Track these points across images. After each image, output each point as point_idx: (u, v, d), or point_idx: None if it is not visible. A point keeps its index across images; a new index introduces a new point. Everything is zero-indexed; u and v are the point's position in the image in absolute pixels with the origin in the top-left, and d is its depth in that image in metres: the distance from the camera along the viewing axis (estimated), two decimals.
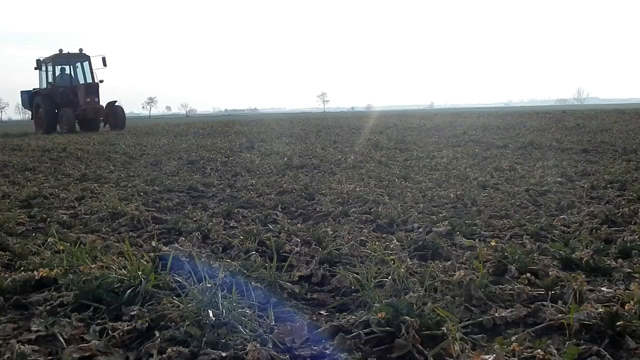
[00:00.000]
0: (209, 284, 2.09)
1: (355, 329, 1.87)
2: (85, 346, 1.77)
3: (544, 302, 2.06)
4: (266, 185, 5.49)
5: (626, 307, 1.87)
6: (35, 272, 2.48)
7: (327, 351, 1.73)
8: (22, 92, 24.89)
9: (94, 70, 23.50)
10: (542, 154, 7.85)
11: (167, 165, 7.91)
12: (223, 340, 1.76)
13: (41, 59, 23.34)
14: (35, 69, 23.53)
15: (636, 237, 2.96)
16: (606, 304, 1.95)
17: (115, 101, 23.85)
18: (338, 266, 2.66)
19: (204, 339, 1.76)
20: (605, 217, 3.50)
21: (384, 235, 3.33)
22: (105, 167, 7.71)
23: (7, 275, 2.52)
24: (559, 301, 2.06)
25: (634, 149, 7.97)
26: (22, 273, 2.49)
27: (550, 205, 4.06)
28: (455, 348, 1.67)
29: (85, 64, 23.59)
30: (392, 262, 2.52)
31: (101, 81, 23.16)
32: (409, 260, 2.65)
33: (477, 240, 3.06)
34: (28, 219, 4.01)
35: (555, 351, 1.62)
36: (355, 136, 13.61)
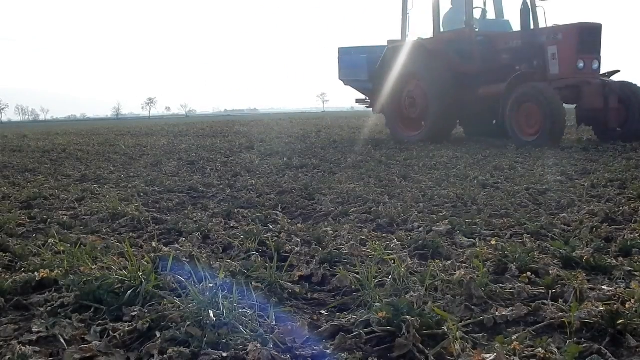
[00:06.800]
0: (209, 284, 2.09)
1: (355, 328, 1.87)
2: (86, 347, 1.78)
3: (545, 301, 2.05)
4: (266, 186, 5.49)
5: (627, 306, 1.87)
6: (35, 273, 2.48)
7: (328, 351, 1.73)
8: (341, 49, 12.34)
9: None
10: (542, 152, 7.85)
11: (167, 165, 7.91)
12: (224, 341, 1.76)
13: None
14: None
15: (636, 235, 2.96)
16: (607, 302, 1.95)
17: (618, 71, 9.81)
18: (338, 266, 2.66)
19: (205, 339, 1.76)
20: (605, 215, 3.50)
21: (384, 234, 3.33)
22: (105, 168, 7.70)
23: (7, 276, 2.51)
24: (560, 300, 2.06)
25: (634, 147, 7.96)
26: (23, 274, 2.49)
27: (550, 204, 4.06)
28: (456, 347, 1.67)
29: None
30: (393, 261, 2.52)
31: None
32: (409, 259, 2.65)
33: (477, 239, 3.06)
34: (28, 220, 4.01)
35: (556, 350, 1.62)
36: (355, 136, 13.62)
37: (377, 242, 2.94)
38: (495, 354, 1.57)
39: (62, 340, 1.86)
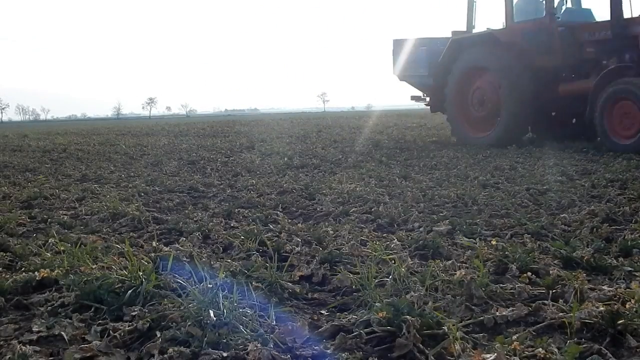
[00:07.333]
0: (209, 284, 2.09)
1: (356, 328, 1.87)
2: (86, 346, 1.78)
3: (545, 301, 2.06)
4: (267, 185, 5.49)
5: (627, 306, 1.87)
6: (36, 272, 2.48)
7: (328, 351, 1.73)
8: (396, 41, 11.20)
9: None
10: (542, 152, 7.85)
11: (168, 165, 7.91)
12: (224, 340, 1.76)
13: None
14: None
15: (637, 235, 2.97)
16: (607, 302, 1.95)
17: None
18: (339, 266, 2.66)
19: (205, 339, 1.76)
20: (605, 215, 3.50)
21: (384, 234, 3.33)
22: (105, 168, 7.71)
23: (8, 276, 2.52)
24: (560, 300, 2.06)
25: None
26: (23, 274, 2.50)
27: (550, 204, 4.06)
28: (456, 347, 1.67)
29: None
30: (393, 261, 2.53)
31: None
32: (409, 259, 2.65)
33: (477, 239, 3.06)
34: (29, 220, 4.01)
35: (556, 350, 1.62)
36: (356, 136, 13.61)
37: (378, 242, 2.94)
38: (495, 354, 1.57)
39: (66, 339, 1.86)
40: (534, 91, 8.77)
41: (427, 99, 11.08)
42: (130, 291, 2.16)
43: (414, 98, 11.68)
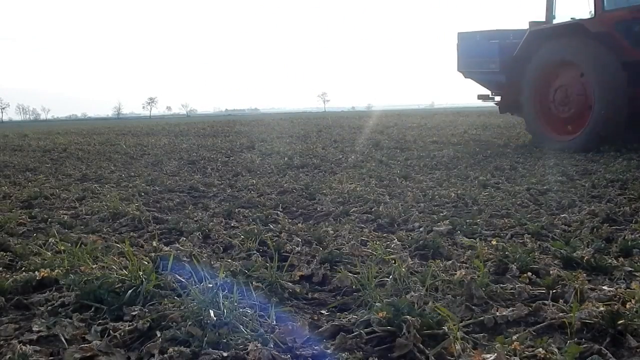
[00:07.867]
0: (210, 284, 2.09)
1: (356, 328, 1.87)
2: (86, 346, 1.78)
3: (545, 301, 2.06)
4: (267, 185, 5.49)
5: (627, 306, 1.87)
6: (36, 272, 2.48)
7: (328, 351, 1.73)
8: (461, 35, 10.29)
9: None
10: (542, 152, 7.85)
11: (168, 165, 7.91)
12: (224, 340, 1.76)
13: None
14: None
15: (637, 235, 2.97)
16: (607, 302, 1.95)
17: None
18: (339, 266, 2.66)
19: (205, 338, 1.76)
20: (606, 215, 3.50)
21: (384, 234, 3.33)
22: (106, 168, 7.71)
23: (8, 275, 2.52)
24: (560, 300, 2.06)
25: (635, 147, 7.95)
26: (23, 273, 2.50)
27: (551, 204, 4.06)
28: (456, 347, 1.67)
29: None
30: (393, 261, 2.53)
31: None
32: (409, 259, 2.65)
33: (478, 239, 3.06)
34: (29, 220, 4.01)
35: (556, 350, 1.62)
36: (356, 136, 13.61)
37: (378, 242, 2.94)
38: (495, 354, 1.57)
39: (63, 340, 1.86)
40: (629, 90, 7.53)
41: (496, 98, 10.03)
42: (130, 291, 2.16)
43: (481, 97, 10.56)
